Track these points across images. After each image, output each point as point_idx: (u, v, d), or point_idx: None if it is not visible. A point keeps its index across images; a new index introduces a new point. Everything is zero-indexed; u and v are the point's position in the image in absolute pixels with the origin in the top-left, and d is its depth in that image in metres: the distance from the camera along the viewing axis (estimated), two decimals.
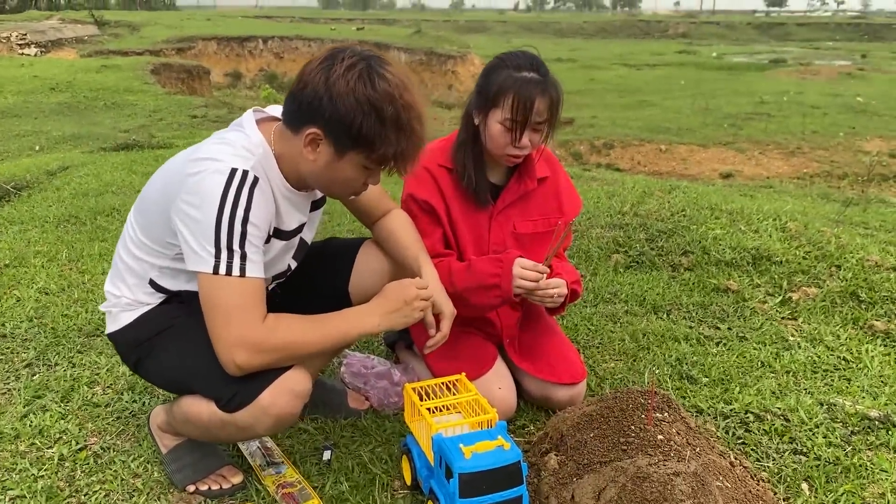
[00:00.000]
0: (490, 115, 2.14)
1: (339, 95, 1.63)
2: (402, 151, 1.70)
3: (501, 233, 2.31)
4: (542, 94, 2.09)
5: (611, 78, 26.17)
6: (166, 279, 1.86)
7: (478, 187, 2.25)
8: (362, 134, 1.65)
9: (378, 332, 1.86)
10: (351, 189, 1.83)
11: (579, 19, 72.70)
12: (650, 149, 13.92)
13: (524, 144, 2.14)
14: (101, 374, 2.51)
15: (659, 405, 2.00)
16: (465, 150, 2.25)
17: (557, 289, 2.17)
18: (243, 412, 1.70)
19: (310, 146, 1.71)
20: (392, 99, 1.65)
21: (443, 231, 2.28)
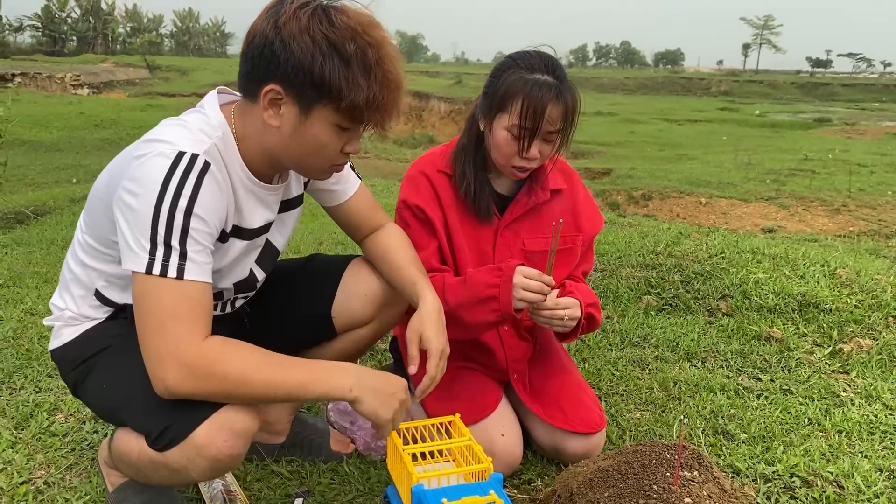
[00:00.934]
0: (496, 121, 1.88)
1: (291, 36, 1.37)
2: (374, 97, 1.42)
3: (508, 249, 2.04)
4: (556, 100, 1.82)
5: (651, 131, 25.99)
6: (114, 290, 1.61)
7: (478, 198, 1.98)
8: (325, 80, 1.39)
9: (346, 399, 1.47)
10: (328, 159, 1.54)
11: (620, 75, 72.91)
12: (690, 201, 13.56)
13: (532, 156, 1.86)
14: (65, 401, 2.27)
15: (688, 462, 1.68)
16: (465, 155, 1.99)
17: (569, 309, 1.88)
18: (175, 451, 1.40)
19: (270, 108, 1.45)
20: (355, 35, 1.40)
21: (438, 244, 2.01)
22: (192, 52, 67.11)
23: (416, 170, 2.05)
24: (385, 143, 21.73)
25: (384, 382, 1.50)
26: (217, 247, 1.54)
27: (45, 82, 25.43)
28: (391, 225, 1.90)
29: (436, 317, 1.69)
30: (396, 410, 1.51)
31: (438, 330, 1.67)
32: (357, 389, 1.46)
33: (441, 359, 1.65)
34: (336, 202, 1.83)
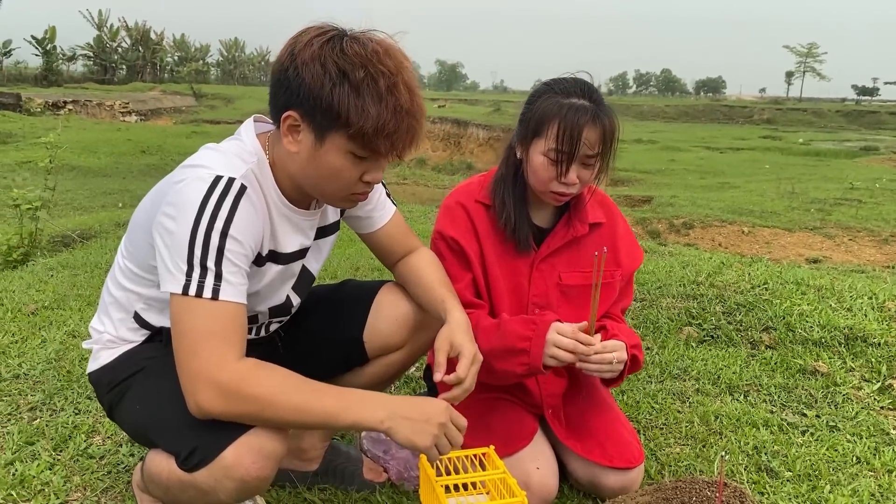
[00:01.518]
0: (533, 146, 1.86)
1: (304, 64, 1.39)
2: (384, 126, 1.41)
3: (544, 283, 2.00)
4: (593, 123, 1.79)
5: (692, 159, 25.73)
6: (152, 313, 1.63)
7: (518, 228, 1.95)
8: (334, 106, 1.39)
9: (379, 430, 1.45)
10: (346, 186, 1.52)
11: (661, 103, 72.57)
12: (732, 230, 13.36)
13: (571, 180, 1.83)
14: (103, 424, 2.29)
15: (728, 499, 1.63)
16: (504, 185, 1.97)
17: (616, 353, 1.81)
18: (203, 472, 1.41)
19: (289, 134, 1.47)
20: (367, 62, 1.40)
21: (473, 276, 1.98)
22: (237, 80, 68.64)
23: (454, 200, 2.03)
24: (423, 170, 21.86)
25: (419, 410, 1.47)
26: (253, 270, 1.56)
27: (96, 109, 26.18)
28: (424, 249, 1.89)
29: (465, 327, 1.66)
30: (435, 436, 1.46)
31: (470, 339, 1.65)
32: (389, 420, 1.44)
33: (473, 363, 1.61)
34: (370, 229, 1.83)
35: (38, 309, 3.42)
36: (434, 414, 1.48)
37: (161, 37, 51.72)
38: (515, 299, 2.00)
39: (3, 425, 2.27)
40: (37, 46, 39.11)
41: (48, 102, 24.67)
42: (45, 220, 5.48)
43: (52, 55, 39.46)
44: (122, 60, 46.65)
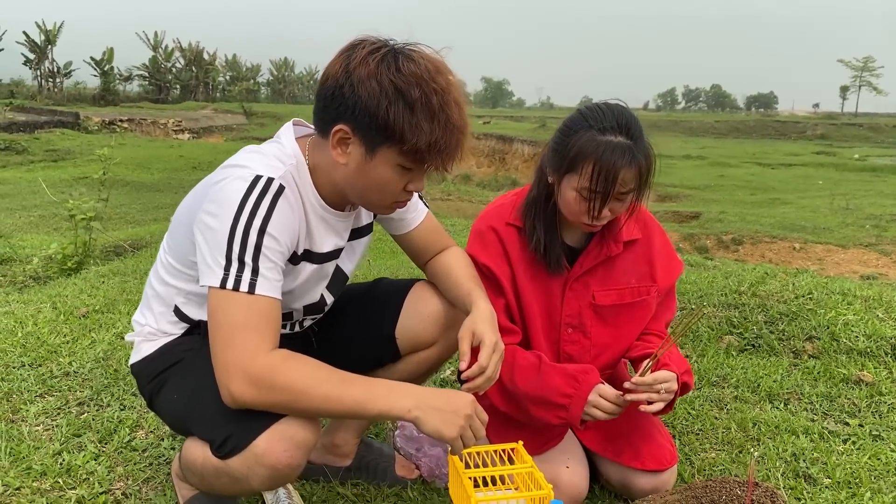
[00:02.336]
0: (566, 180, 1.81)
1: (360, 82, 1.43)
2: (436, 142, 1.46)
3: (578, 303, 1.97)
4: (630, 165, 1.73)
5: (742, 175, 25.27)
6: (191, 307, 1.69)
7: (548, 252, 1.92)
8: (389, 124, 1.43)
9: (406, 419, 1.47)
10: (390, 196, 1.58)
11: (710, 118, 71.51)
12: (783, 246, 13.07)
13: (603, 216, 1.80)
14: (147, 419, 2.36)
15: (760, 499, 1.61)
16: (535, 209, 1.93)
17: (666, 384, 1.79)
18: (236, 459, 1.45)
19: (339, 147, 1.51)
20: (421, 81, 1.44)
21: (506, 301, 1.96)
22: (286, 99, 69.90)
23: (485, 224, 2.00)
24: (468, 185, 21.93)
25: (446, 401, 1.49)
26: (289, 269, 1.60)
27: (150, 128, 26.93)
28: (455, 247, 1.92)
29: (489, 318, 1.68)
30: (462, 427, 1.48)
31: (492, 328, 1.66)
32: (417, 409, 1.46)
33: (495, 352, 1.62)
34: (404, 231, 1.87)
35: (89, 312, 3.54)
36: (461, 406, 1.50)
37: (214, 57, 53.02)
38: (548, 320, 1.99)
39: (52, 418, 2.36)
40: (95, 67, 40.45)
41: (105, 121, 25.45)
42: (99, 230, 5.65)
43: (109, 75, 40.75)
44: (175, 80, 47.93)
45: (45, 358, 2.88)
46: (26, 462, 2.05)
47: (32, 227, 8.70)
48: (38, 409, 2.41)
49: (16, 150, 17.48)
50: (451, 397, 1.51)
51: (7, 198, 11.73)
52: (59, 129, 21.40)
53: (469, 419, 1.50)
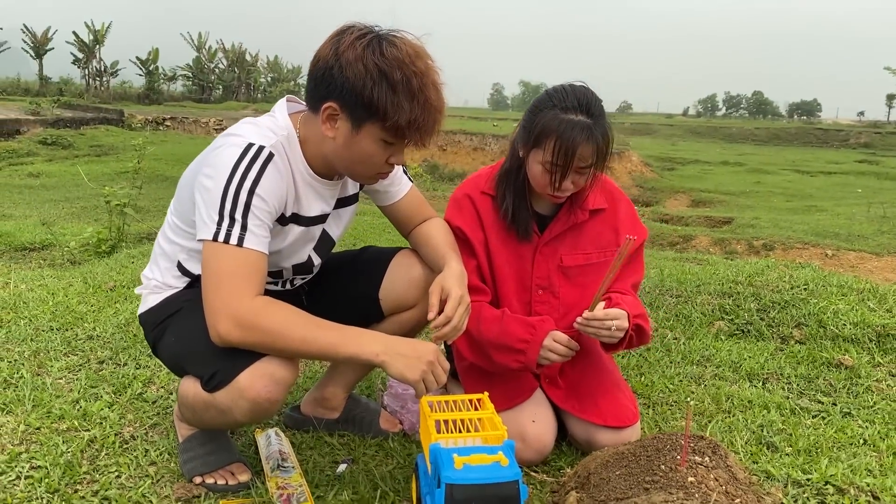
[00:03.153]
0: (532, 155, 2.00)
1: (348, 64, 1.60)
2: (415, 120, 1.63)
3: (546, 266, 2.15)
4: (588, 140, 1.91)
5: (779, 182, 24.92)
6: (192, 263, 1.88)
7: (516, 220, 2.11)
8: (374, 102, 1.61)
9: (375, 362, 1.64)
10: (374, 168, 1.75)
11: (751, 125, 70.56)
12: (815, 253, 12.88)
13: (565, 189, 1.99)
14: (159, 376, 2.57)
15: (702, 450, 1.75)
16: (507, 180, 2.12)
17: (616, 321, 1.97)
18: (221, 393, 1.64)
19: (328, 122, 1.69)
20: (402, 65, 1.60)
21: (477, 263, 2.14)
22: None
23: (462, 192, 2.20)
24: None
25: (412, 348, 1.66)
26: (277, 229, 1.79)
27: (192, 126, 27.50)
28: (435, 218, 2.09)
29: (458, 275, 1.84)
30: (424, 371, 1.64)
31: (460, 283, 1.82)
32: (384, 354, 1.63)
33: (460, 304, 1.78)
34: (388, 202, 2.05)
35: (116, 286, 3.78)
36: (424, 353, 1.66)
37: (256, 58, 53.90)
38: (519, 281, 2.16)
39: (73, 373, 2.58)
40: (141, 67, 41.43)
41: (148, 119, 26.09)
42: (132, 215, 5.93)
43: (154, 75, 41.69)
44: (218, 81, 48.84)
45: (71, 323, 3.12)
46: (47, 407, 2.27)
47: (74, 217, 9.04)
48: (61, 365, 2.64)
49: (62, 145, 18.04)
50: (416, 345, 1.68)
51: (52, 189, 12.18)
52: (103, 126, 22.00)
53: (431, 365, 1.66)
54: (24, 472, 1.89)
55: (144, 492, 1.84)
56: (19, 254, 5.55)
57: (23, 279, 3.95)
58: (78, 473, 1.91)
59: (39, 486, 1.83)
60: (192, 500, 1.83)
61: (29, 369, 2.56)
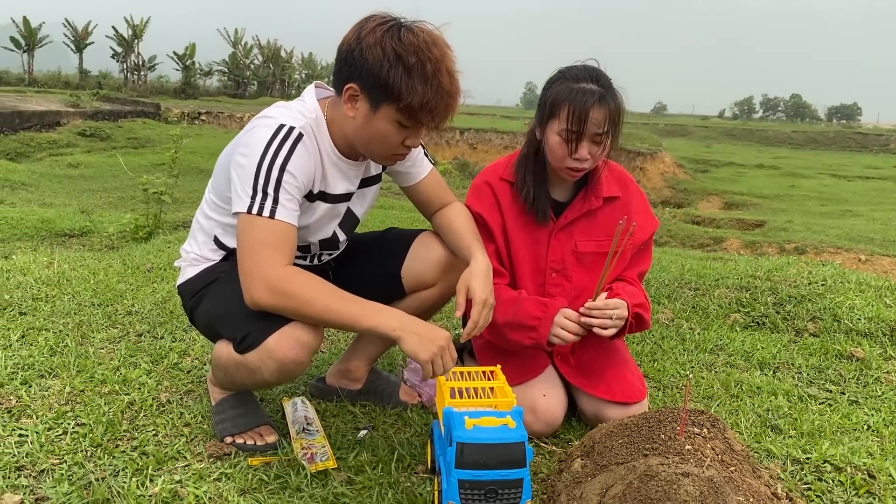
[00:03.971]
0: (549, 128, 2.10)
1: (368, 47, 1.72)
2: (428, 103, 1.74)
3: (561, 250, 2.24)
4: (599, 104, 2.01)
5: (814, 186, 24.65)
6: (228, 237, 2.02)
7: (536, 202, 2.20)
8: (389, 84, 1.72)
9: (391, 336, 1.75)
10: (390, 147, 1.86)
11: (788, 128, 69.59)
12: (847, 258, 12.73)
13: (582, 156, 2.06)
14: (194, 348, 2.73)
15: (701, 422, 1.85)
16: (526, 164, 2.22)
17: (616, 310, 2.07)
18: (252, 354, 1.78)
19: (349, 102, 1.81)
20: (417, 50, 1.72)
21: (495, 247, 2.25)
22: None
23: (481, 180, 2.31)
24: None
25: (427, 330, 1.78)
26: (305, 205, 1.92)
27: (227, 121, 27.91)
28: (457, 203, 2.20)
29: (483, 272, 1.96)
30: (434, 353, 1.75)
31: (485, 283, 1.93)
32: (401, 330, 1.75)
33: (484, 307, 1.91)
34: (410, 183, 2.17)
35: (153, 268, 3.96)
36: (438, 337, 1.78)
37: (290, 55, 54.39)
38: (535, 265, 2.26)
39: (114, 344, 2.75)
40: (178, 62, 42.07)
41: (184, 113, 26.56)
42: (168, 203, 6.13)
43: (190, 70, 42.32)
44: (253, 76, 49.41)
45: (112, 300, 3.29)
46: (90, 373, 2.43)
47: (111, 206, 9.32)
48: (102, 336, 2.80)
49: (100, 136, 18.48)
50: (431, 328, 1.79)
51: (90, 180, 12.54)
52: (140, 119, 22.46)
53: (442, 350, 1.77)
54: (70, 429, 2.05)
55: (179, 448, 1.98)
56: (59, 239, 5.78)
57: (65, 260, 4.14)
58: (119, 431, 2.06)
59: (84, 441, 1.98)
60: (223, 457, 1.96)
61: (73, 339, 2.73)
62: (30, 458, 1.88)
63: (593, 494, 1.66)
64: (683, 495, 1.51)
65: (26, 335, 2.76)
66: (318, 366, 2.66)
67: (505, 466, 1.64)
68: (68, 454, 1.91)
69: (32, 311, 3.06)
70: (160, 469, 1.87)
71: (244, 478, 1.84)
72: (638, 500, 1.55)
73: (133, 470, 1.84)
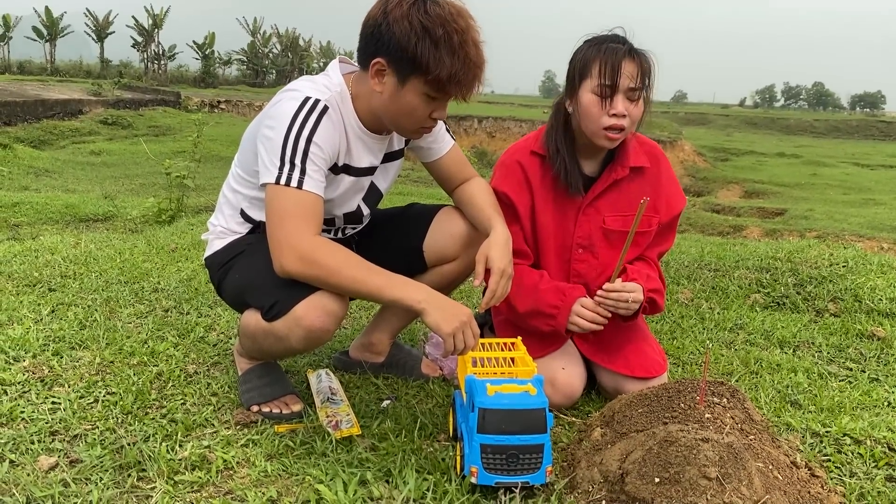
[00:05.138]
0: (581, 90, 2.08)
1: (395, 21, 1.75)
2: (455, 74, 1.76)
3: (589, 226, 2.24)
4: (630, 56, 2.03)
5: (836, 175, 24.38)
6: (254, 210, 2.06)
7: (569, 172, 2.18)
8: (417, 57, 1.74)
9: (415, 309, 1.77)
10: (418, 121, 1.88)
11: (810, 117, 68.82)
12: (869, 246, 12.56)
13: (619, 111, 2.03)
14: (219, 323, 2.78)
15: (721, 393, 1.87)
16: (556, 134, 2.20)
17: (632, 293, 2.09)
18: (279, 322, 1.82)
19: (376, 77, 1.84)
20: (444, 22, 1.74)
21: (520, 226, 2.25)
22: None
23: (509, 157, 2.30)
24: None
25: (451, 305, 1.80)
26: (330, 178, 1.95)
27: (245, 109, 28.06)
28: (478, 178, 2.23)
29: (503, 242, 1.98)
30: (456, 328, 1.77)
31: (503, 254, 1.96)
32: (425, 302, 1.77)
33: (502, 277, 1.93)
34: (432, 158, 2.19)
35: (177, 248, 4.02)
36: (460, 312, 1.80)
37: (309, 44, 54.55)
38: (561, 241, 2.27)
39: (142, 318, 2.81)
40: (197, 51, 42.33)
41: (204, 101, 26.73)
42: (191, 188, 6.21)
43: (210, 59, 42.57)
44: (272, 65, 49.57)
45: (138, 278, 3.35)
46: (119, 345, 2.48)
47: (133, 192, 9.42)
48: (130, 311, 2.86)
49: (122, 125, 18.66)
50: (454, 304, 1.82)
51: (112, 167, 12.68)
52: (161, 108, 22.66)
53: (464, 325, 1.79)
54: (101, 397, 2.10)
55: (207, 416, 2.03)
56: (83, 224, 5.88)
57: (92, 240, 4.22)
58: (148, 400, 2.11)
59: (114, 409, 2.03)
60: (250, 424, 2.01)
61: (101, 314, 2.79)
62: (63, 423, 1.93)
63: (613, 460, 1.69)
64: (703, 460, 1.54)
65: (56, 310, 2.83)
66: (341, 340, 2.70)
67: (526, 432, 1.67)
68: (100, 420, 1.96)
69: (61, 288, 3.13)
70: (189, 435, 1.92)
71: (271, 444, 1.89)
72: (658, 464, 1.58)
73: (163, 436, 1.89)
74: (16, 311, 2.77)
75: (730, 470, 1.53)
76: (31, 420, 1.94)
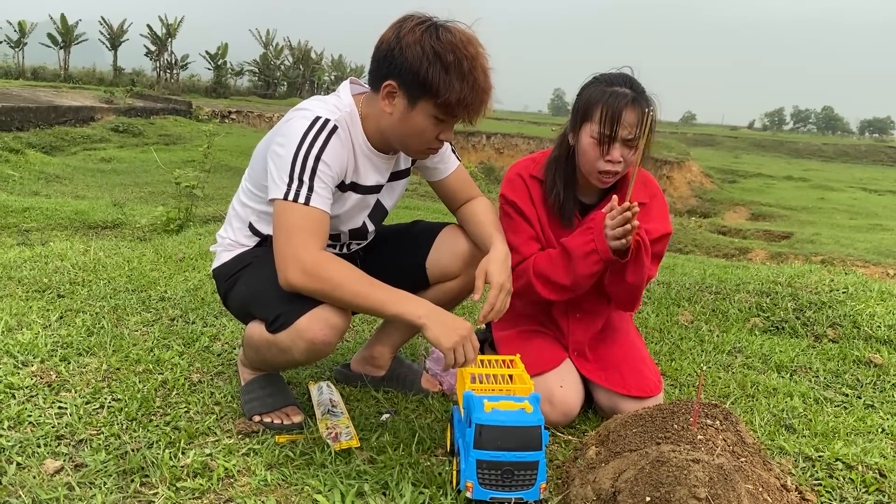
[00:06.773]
0: (582, 131, 2.15)
1: (407, 46, 1.81)
2: (464, 98, 1.82)
3: None
4: (632, 106, 2.07)
5: (843, 199, 24.38)
6: (262, 224, 2.11)
7: (564, 205, 2.25)
8: (428, 81, 1.81)
9: (416, 323, 1.81)
10: (425, 142, 1.95)
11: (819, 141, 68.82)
12: (875, 272, 12.61)
13: (615, 158, 2.10)
14: (224, 333, 2.82)
15: (714, 415, 1.90)
16: (556, 165, 2.27)
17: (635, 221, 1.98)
18: (283, 334, 1.86)
19: (387, 98, 1.90)
20: (455, 48, 1.80)
21: (532, 229, 2.30)
22: None
23: (514, 172, 2.37)
24: None
25: (451, 319, 1.85)
26: (337, 195, 2.01)
27: (256, 120, 28.25)
28: (482, 197, 2.27)
29: (502, 259, 2.02)
30: (457, 342, 1.81)
31: (502, 269, 2.00)
32: (426, 318, 1.82)
33: (501, 291, 1.97)
34: (437, 178, 2.24)
35: (185, 258, 4.07)
36: (461, 327, 1.84)
37: (320, 56, 54.86)
38: None
39: (148, 326, 2.85)
40: (209, 61, 42.62)
41: (215, 111, 26.93)
42: (200, 197, 6.27)
43: (222, 69, 42.84)
44: (283, 77, 49.86)
45: (145, 286, 3.40)
46: (125, 352, 2.53)
47: (143, 200, 9.50)
48: (136, 319, 2.91)
49: (133, 133, 18.79)
50: (455, 318, 1.86)
51: (122, 174, 12.78)
52: (172, 117, 22.83)
53: (464, 339, 1.83)
54: (107, 403, 2.15)
55: (210, 425, 2.07)
56: (92, 231, 5.93)
57: (101, 248, 4.27)
58: (152, 407, 2.15)
59: (119, 415, 2.08)
60: (252, 434, 2.05)
61: (109, 321, 2.84)
62: (69, 428, 1.98)
63: (606, 479, 1.72)
64: (693, 480, 1.57)
65: (64, 316, 2.88)
66: (343, 353, 2.74)
67: (521, 449, 1.71)
68: (105, 426, 2.01)
69: (70, 294, 3.18)
70: (192, 443, 1.96)
71: (271, 453, 1.93)
72: (649, 484, 1.61)
73: (166, 443, 1.93)
74: (25, 316, 2.82)
75: (719, 491, 1.56)
76: (38, 424, 1.98)
